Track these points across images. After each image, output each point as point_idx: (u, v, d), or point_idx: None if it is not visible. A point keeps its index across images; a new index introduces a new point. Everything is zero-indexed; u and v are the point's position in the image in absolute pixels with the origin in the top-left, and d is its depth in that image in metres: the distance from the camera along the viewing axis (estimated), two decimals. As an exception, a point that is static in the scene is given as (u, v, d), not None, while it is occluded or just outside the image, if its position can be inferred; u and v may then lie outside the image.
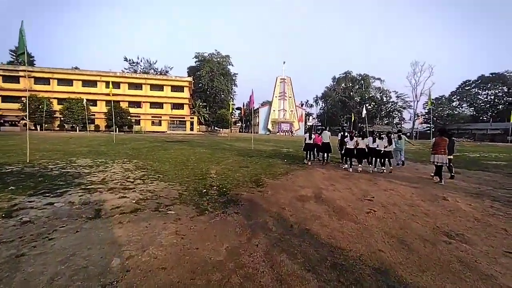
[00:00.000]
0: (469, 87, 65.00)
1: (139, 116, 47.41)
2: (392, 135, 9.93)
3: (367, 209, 4.52)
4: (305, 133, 11.47)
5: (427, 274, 2.54)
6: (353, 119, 43.72)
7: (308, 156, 10.83)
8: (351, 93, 75.35)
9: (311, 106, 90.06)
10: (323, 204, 4.78)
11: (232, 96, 69.04)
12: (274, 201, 4.92)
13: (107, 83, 45.43)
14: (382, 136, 9.32)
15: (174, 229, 3.43)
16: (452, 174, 8.02)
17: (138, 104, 47.34)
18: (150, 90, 47.84)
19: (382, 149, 8.85)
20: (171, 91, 49.06)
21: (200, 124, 60.77)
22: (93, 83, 45.62)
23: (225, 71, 64.30)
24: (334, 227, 3.69)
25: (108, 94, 45.79)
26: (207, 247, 2.96)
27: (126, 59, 59.99)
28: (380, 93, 74.93)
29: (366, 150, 9.06)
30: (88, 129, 36.16)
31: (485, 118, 61.65)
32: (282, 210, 4.38)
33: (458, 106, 65.32)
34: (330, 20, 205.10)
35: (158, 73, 60.51)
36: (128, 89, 46.89)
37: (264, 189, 5.82)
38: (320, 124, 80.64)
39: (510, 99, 59.62)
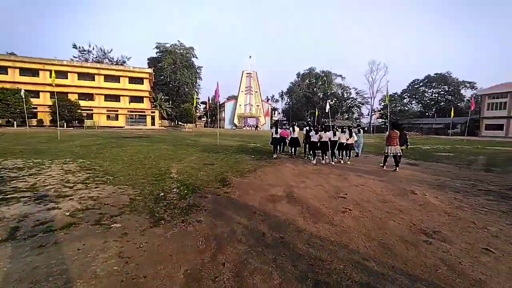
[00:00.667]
0: (417, 86, 71.47)
1: (92, 110, 43.02)
2: (353, 129, 10.88)
3: (343, 208, 4.23)
4: (271, 128, 11.97)
5: (419, 286, 2.24)
6: (317, 114, 45.12)
7: (275, 150, 11.16)
8: (315, 89, 77.86)
9: (277, 101, 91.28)
10: (296, 205, 4.39)
11: (196, 90, 66.47)
12: (243, 204, 4.39)
13: (51, 72, 40.26)
14: (344, 130, 9.99)
15: (117, 249, 2.70)
16: (398, 165, 8.31)
17: (90, 97, 42.85)
18: (104, 81, 43.54)
19: (344, 141, 9.64)
20: (129, 83, 45.29)
21: (163, 118, 57.53)
22: (34, 72, 39.99)
23: (189, 63, 61.46)
24: (311, 233, 3.29)
25: (51, 85, 40.76)
26: (159, 273, 2.32)
27: (75, 46, 53.59)
28: (341, 90, 78.71)
29: (329, 143, 9.56)
30: (28, 124, 31.58)
31: (430, 114, 68.56)
32: (252, 215, 3.87)
33: (409, 103, 71.67)
34: (296, 16, 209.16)
35: (114, 63, 55.39)
36: (78, 79, 42.10)
37: (231, 190, 5.25)
38: (285, 119, 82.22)
39: (450, 97, 67.19)
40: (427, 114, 69.58)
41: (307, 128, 10.88)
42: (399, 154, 8.16)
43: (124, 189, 5.10)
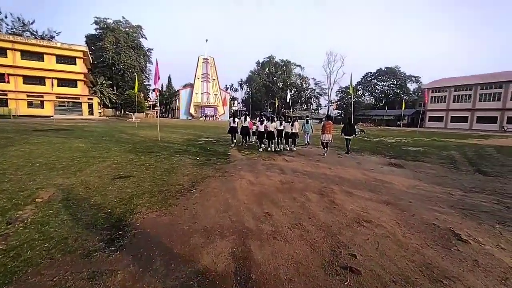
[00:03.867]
0: (370, 78, 74.89)
1: (6, 94, 34.47)
2: (299, 120, 12.82)
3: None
4: (230, 117, 11.94)
5: None
6: (277, 104, 43.32)
7: (233, 138, 11.51)
8: (275, 78, 76.32)
9: (236, 90, 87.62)
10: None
11: (147, 75, 59.35)
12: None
13: None
14: (289, 120, 11.08)
15: None
16: (348, 151, 10.21)
17: (2, 78, 34.08)
18: (22, 59, 35.04)
19: (289, 131, 10.58)
20: (57, 62, 37.20)
21: (105, 107, 49.94)
22: None
23: (136, 44, 54.06)
24: None
25: None
26: None
27: (-22, 12, 42.23)
28: (300, 80, 78.60)
29: (276, 132, 10.38)
30: None
31: (381, 105, 72.68)
32: None
33: (362, 95, 74.87)
34: (256, 3, 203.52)
35: (38, 38, 45.39)
36: (-17, 54, 33.06)
37: (117, 255, 2.38)
38: (245, 108, 79.55)
39: (398, 90, 71.90)
40: (377, 106, 73.65)
41: (258, 118, 11.47)
42: (330, 141, 9.74)
43: None
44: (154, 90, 54.71)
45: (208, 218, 3.39)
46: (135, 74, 53.95)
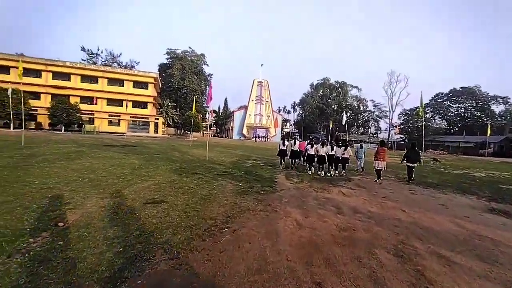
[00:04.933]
0: (441, 100, 66.07)
1: (93, 114, 41.00)
2: (354, 144, 12.47)
3: None
4: (281, 139, 12.42)
5: None
6: (331, 127, 41.00)
7: (282, 161, 11.56)
8: (329, 100, 73.80)
9: (289, 112, 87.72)
10: None
11: (206, 98, 64.20)
12: None
13: (54, 73, 38.74)
14: (340, 145, 10.63)
15: None
16: (412, 179, 9.52)
17: (92, 100, 40.85)
18: (108, 84, 41.62)
19: (340, 155, 10.20)
20: (133, 87, 43.17)
21: (169, 126, 55.11)
22: (37, 73, 38.52)
23: (198, 70, 59.43)
24: None
25: (57, 86, 38.92)
26: None
27: (83, 49, 52.69)
28: (357, 102, 74.24)
29: (326, 156, 10.14)
30: (26, 127, 29.32)
31: (455, 130, 62.52)
32: None
33: (431, 118, 66.07)
34: (310, 25, 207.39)
35: (123, 68, 53.95)
36: (81, 82, 40.36)
37: None
38: (297, 131, 78.33)
39: (478, 113, 61.19)
40: (451, 130, 63.67)
41: (308, 141, 11.35)
42: (383, 168, 9.34)
43: None
44: (210, 111, 58.60)
45: (233, 282, 2.42)
46: (196, 97, 59.10)
